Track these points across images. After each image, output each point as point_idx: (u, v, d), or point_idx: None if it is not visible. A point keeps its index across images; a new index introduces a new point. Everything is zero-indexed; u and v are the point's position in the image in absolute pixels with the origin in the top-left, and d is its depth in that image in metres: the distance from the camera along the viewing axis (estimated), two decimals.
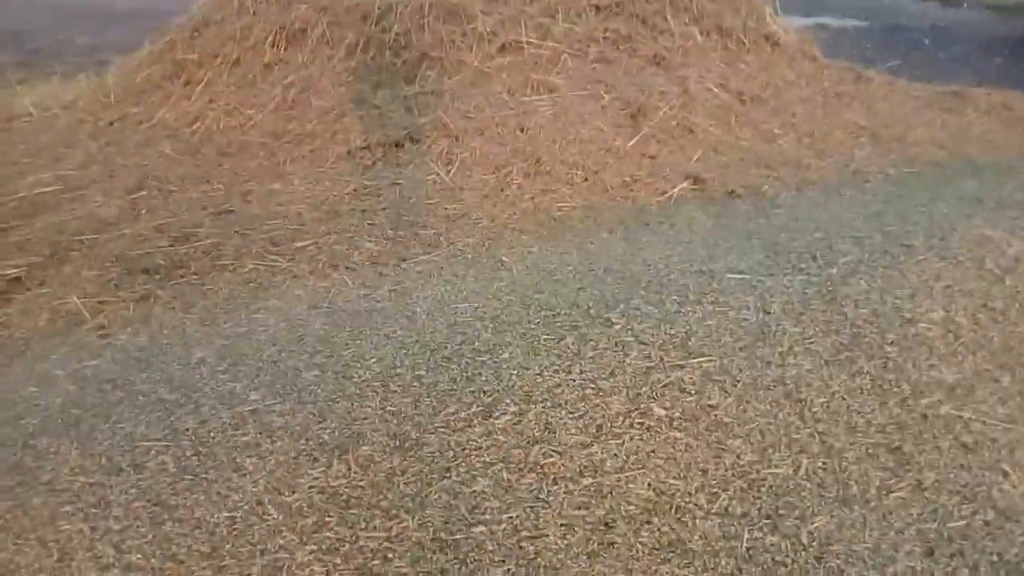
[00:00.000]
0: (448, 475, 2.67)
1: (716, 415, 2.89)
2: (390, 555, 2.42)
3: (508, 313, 3.60)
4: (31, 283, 4.29)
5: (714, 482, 2.65)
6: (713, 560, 2.39)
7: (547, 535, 2.48)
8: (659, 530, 2.50)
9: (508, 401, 2.97)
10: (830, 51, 7.88)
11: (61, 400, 3.14)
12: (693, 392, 2.99)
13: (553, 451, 2.75)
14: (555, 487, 2.64)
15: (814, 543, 2.44)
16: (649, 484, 2.66)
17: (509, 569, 2.39)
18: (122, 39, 8.58)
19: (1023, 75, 8.46)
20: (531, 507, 2.57)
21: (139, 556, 2.39)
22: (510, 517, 2.54)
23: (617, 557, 2.40)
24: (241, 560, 2.39)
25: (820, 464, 2.73)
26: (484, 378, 3.09)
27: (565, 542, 2.47)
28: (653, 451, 2.77)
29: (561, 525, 2.51)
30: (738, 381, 3.05)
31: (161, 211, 5.18)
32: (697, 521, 2.52)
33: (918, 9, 11.67)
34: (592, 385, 3.04)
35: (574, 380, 3.08)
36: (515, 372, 3.13)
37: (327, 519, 2.52)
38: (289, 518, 2.51)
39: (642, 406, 2.95)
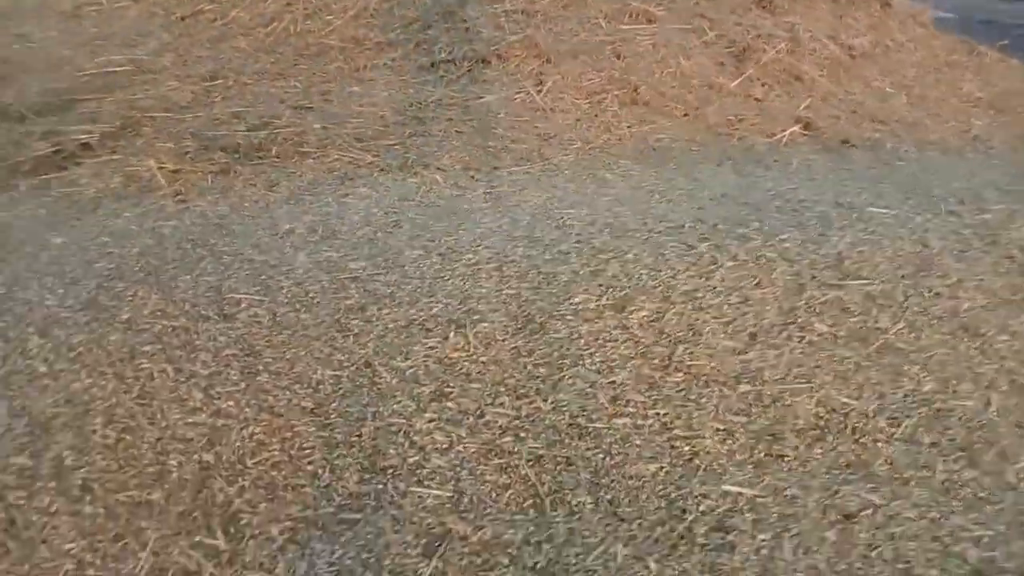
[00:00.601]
0: (581, 362, 2.30)
1: (886, 339, 2.51)
2: (522, 434, 2.05)
3: (624, 222, 3.22)
4: (102, 150, 3.97)
5: (894, 406, 2.27)
6: (904, 488, 2.01)
7: (703, 437, 2.11)
8: (835, 449, 2.13)
9: (643, 299, 2.60)
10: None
11: (138, 251, 2.81)
12: (857, 313, 2.61)
13: (701, 353, 2.38)
14: (707, 389, 2.27)
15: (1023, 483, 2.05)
16: (818, 400, 2.27)
17: (663, 467, 2.02)
18: None
19: None
20: (681, 406, 2.21)
21: (231, 403, 2.05)
22: (658, 414, 2.17)
23: (790, 471, 2.03)
24: (349, 420, 2.04)
25: (1013, 403, 2.33)
26: (611, 274, 2.73)
27: (725, 447, 2.10)
28: (818, 366, 2.40)
29: (719, 430, 2.14)
30: (906, 308, 2.66)
31: (237, 100, 4.84)
32: (879, 445, 2.14)
33: (1010, 8, 11.17)
34: (737, 293, 2.66)
35: (715, 287, 2.70)
36: (645, 272, 2.76)
37: (447, 390, 2.16)
38: (404, 384, 2.15)
39: (800, 320, 2.57)
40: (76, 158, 3.88)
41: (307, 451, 1.96)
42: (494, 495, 1.91)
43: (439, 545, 1.75)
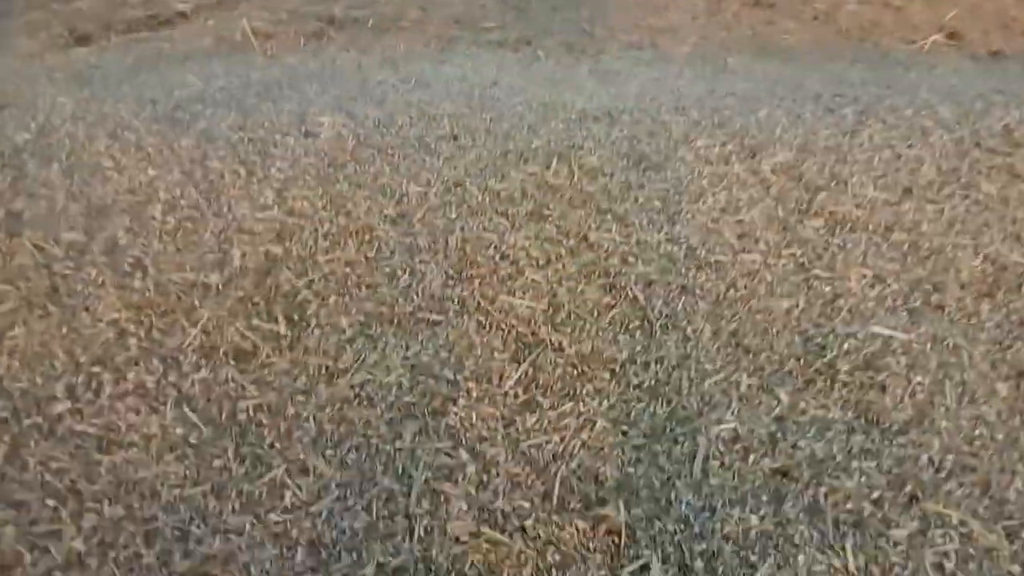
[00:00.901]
0: (702, 200, 1.97)
1: None
2: (631, 259, 1.75)
3: (750, 91, 2.83)
4: (196, 19, 3.84)
5: None
6: None
7: (847, 279, 1.75)
8: (1007, 306, 1.73)
9: (776, 147, 2.23)
10: None
11: (221, 85, 2.63)
12: None
13: (847, 201, 2.00)
14: (852, 235, 1.90)
15: None
16: (985, 256, 1.87)
17: (798, 304, 1.68)
18: None
19: None
20: (823, 249, 1.84)
21: (305, 204, 1.81)
22: (793, 254, 1.82)
23: (952, 322, 1.65)
24: (434, 231, 1.78)
25: None
26: (738, 125, 2.37)
27: (875, 292, 1.73)
28: (986, 225, 1.98)
29: (867, 275, 1.77)
30: None
31: None
32: None
33: None
34: (888, 149, 2.26)
35: (861, 144, 2.31)
36: (779, 126, 2.38)
37: (546, 211, 1.87)
38: (497, 202, 1.88)
39: (963, 179, 2.14)
40: (170, 24, 3.77)
41: (386, 254, 1.72)
42: (596, 313, 1.62)
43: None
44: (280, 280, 1.62)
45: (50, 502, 1.17)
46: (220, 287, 1.59)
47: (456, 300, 1.62)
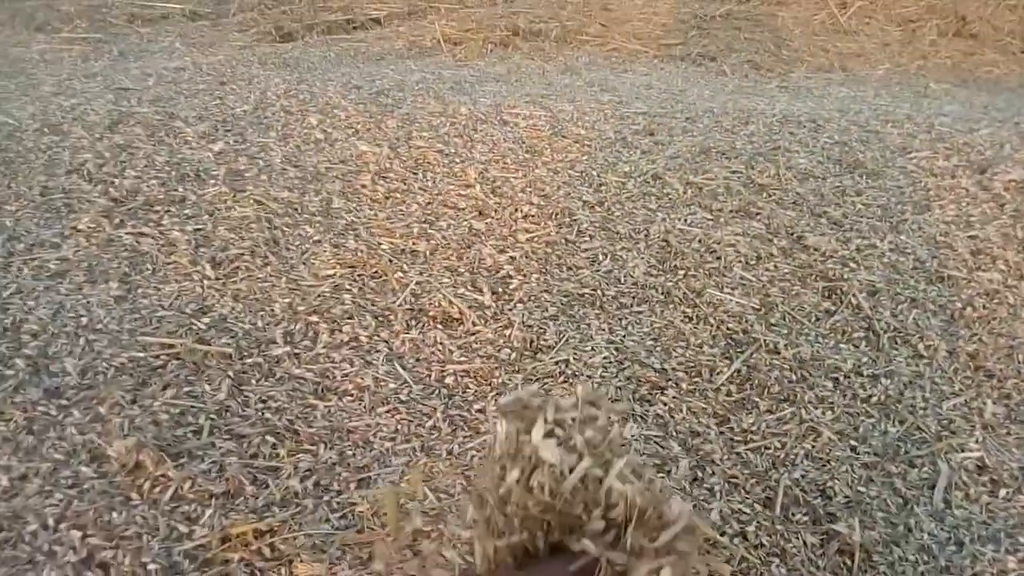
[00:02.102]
0: (929, 211, 1.80)
1: None
2: (852, 264, 1.60)
3: (963, 112, 2.60)
4: (389, 25, 4.01)
5: None
6: None
7: None
8: None
9: (1008, 164, 2.02)
10: None
11: (417, 79, 2.70)
12: None
13: None
14: None
15: None
16: None
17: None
18: None
19: None
20: None
21: (505, 186, 1.80)
22: None
23: None
24: (635, 220, 1.71)
25: None
26: (961, 141, 2.18)
27: None
28: None
29: None
30: None
31: (519, 3, 4.74)
32: None
33: None
34: None
35: None
36: (1008, 144, 2.18)
37: (754, 209, 1.77)
38: (700, 197, 1.79)
39: None
40: (365, 28, 3.96)
41: (586, 238, 1.67)
42: (814, 317, 1.49)
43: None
44: (483, 254, 1.60)
45: (269, 439, 1.19)
46: (427, 254, 1.60)
47: (659, 288, 1.54)
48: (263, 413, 1.22)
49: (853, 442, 1.28)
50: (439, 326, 1.41)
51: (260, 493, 1.10)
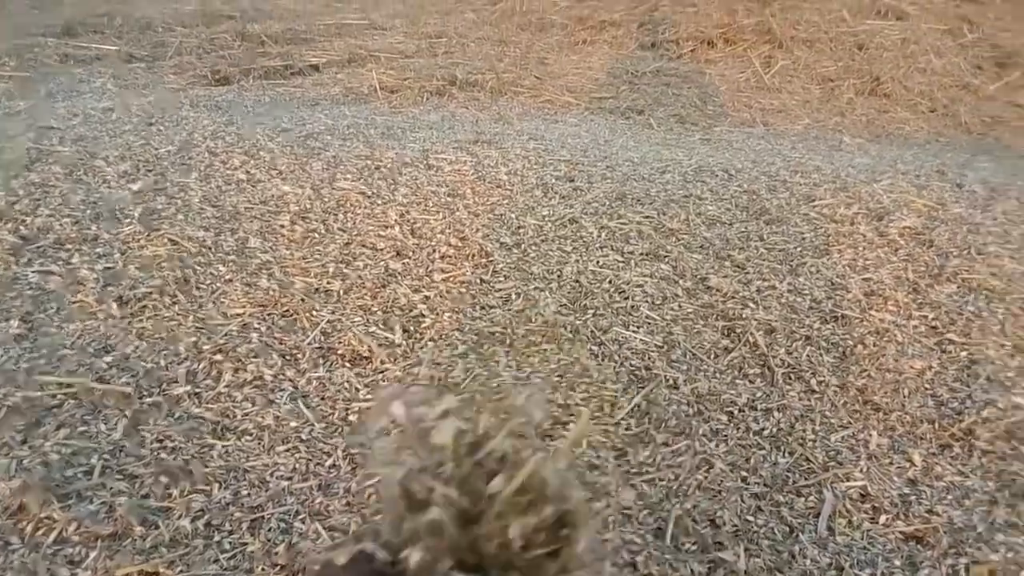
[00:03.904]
0: (827, 256, 1.90)
1: None
2: (751, 304, 1.68)
3: (870, 165, 2.77)
4: (327, 72, 4.08)
5: None
6: None
7: (985, 347, 1.63)
8: None
9: (903, 212, 2.15)
10: None
11: (348, 123, 2.75)
12: None
13: (982, 269, 1.90)
14: (990, 304, 1.79)
15: None
16: None
17: (931, 366, 1.57)
18: None
19: None
20: (956, 314, 1.74)
21: (424, 226, 1.84)
22: (925, 316, 1.72)
23: None
24: (549, 262, 1.76)
25: None
26: (865, 192, 2.30)
27: (1015, 362, 1.61)
28: None
29: (1011, 346, 1.65)
30: None
31: (458, 55, 4.88)
32: None
33: None
34: None
35: (996, 217, 2.21)
36: (905, 194, 2.30)
37: (663, 253, 1.84)
38: (613, 240, 1.86)
39: None
40: (303, 74, 4.01)
41: (501, 278, 1.71)
42: (713, 354, 1.55)
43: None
44: (398, 293, 1.63)
45: (163, 479, 1.18)
46: (341, 293, 1.62)
47: (569, 327, 1.59)
48: (159, 453, 1.21)
49: (744, 473, 1.32)
50: (347, 364, 1.43)
51: (149, 534, 1.09)
